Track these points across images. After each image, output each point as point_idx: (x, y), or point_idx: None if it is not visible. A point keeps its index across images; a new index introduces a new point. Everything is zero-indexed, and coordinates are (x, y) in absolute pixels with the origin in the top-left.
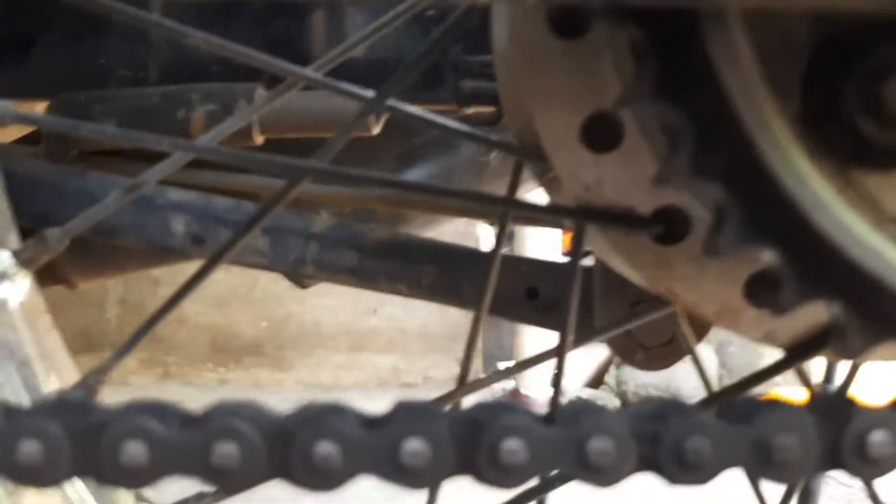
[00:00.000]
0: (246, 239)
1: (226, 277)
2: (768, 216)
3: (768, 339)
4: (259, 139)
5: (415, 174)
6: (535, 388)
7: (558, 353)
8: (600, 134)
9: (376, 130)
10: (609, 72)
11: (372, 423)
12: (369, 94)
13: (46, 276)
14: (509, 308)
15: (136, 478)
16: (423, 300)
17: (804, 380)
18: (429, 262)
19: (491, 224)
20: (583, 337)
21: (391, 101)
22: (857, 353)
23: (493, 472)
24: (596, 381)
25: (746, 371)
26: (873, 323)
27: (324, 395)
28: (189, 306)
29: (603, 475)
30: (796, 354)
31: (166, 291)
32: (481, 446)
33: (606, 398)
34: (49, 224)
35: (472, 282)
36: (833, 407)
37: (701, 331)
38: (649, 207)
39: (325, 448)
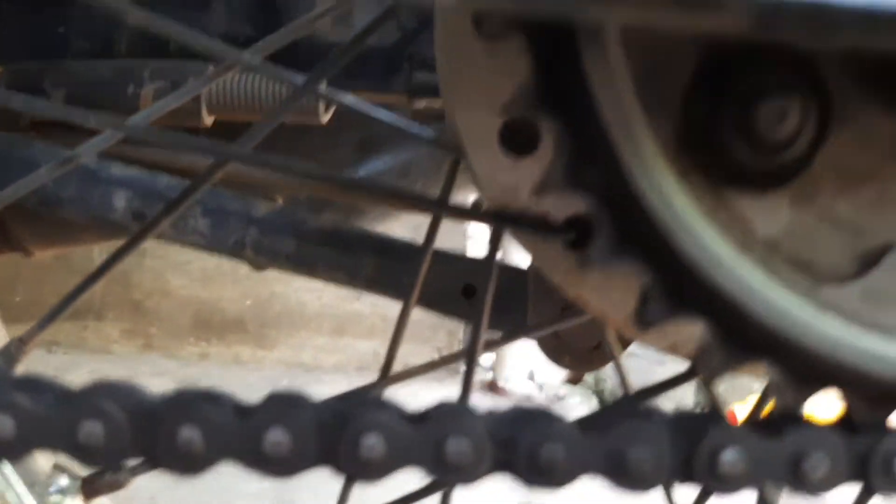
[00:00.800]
0: (186, 219)
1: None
2: (637, 233)
3: (672, 350)
4: (208, 120)
5: (374, 164)
6: (513, 380)
7: (469, 351)
8: (518, 138)
9: (324, 119)
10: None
11: (242, 412)
12: (300, 79)
13: (3, 243)
14: (445, 304)
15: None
16: (360, 291)
17: (709, 393)
18: (369, 253)
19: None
20: (511, 335)
21: (324, 89)
22: (718, 373)
23: (353, 466)
24: (575, 379)
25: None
26: (735, 345)
27: (304, 375)
28: (174, 279)
29: (460, 474)
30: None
31: (151, 263)
32: (343, 441)
33: (584, 395)
34: None
35: (411, 276)
36: (694, 422)
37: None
38: (562, 214)
39: (189, 433)
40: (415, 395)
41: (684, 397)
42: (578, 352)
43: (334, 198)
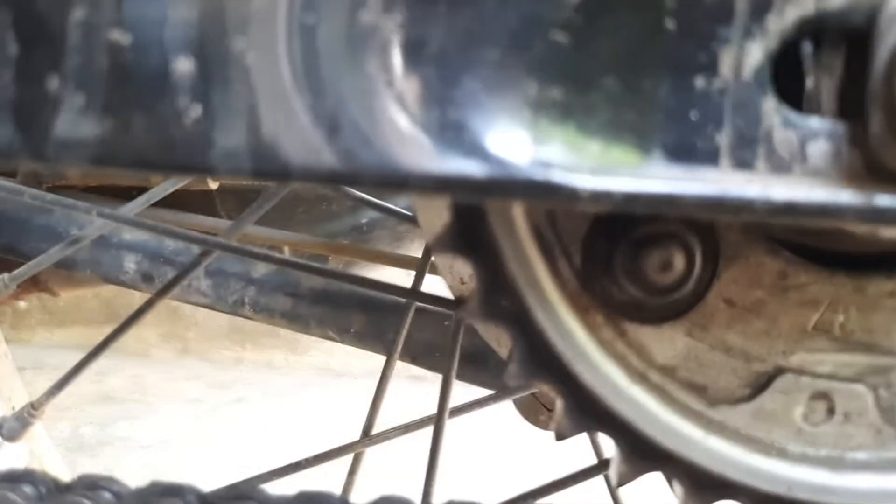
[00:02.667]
0: (190, 280)
1: None
2: (544, 359)
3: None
4: (213, 184)
5: (373, 213)
6: None
7: (438, 414)
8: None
9: None
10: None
11: None
12: None
13: (33, 286)
14: (432, 359)
15: None
16: (349, 346)
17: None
18: (357, 310)
19: None
20: (494, 397)
21: None
22: (623, 482)
23: None
24: None
25: None
26: (638, 457)
27: (335, 380)
28: None
29: None
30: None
31: None
32: None
33: None
34: (16, 254)
35: (397, 331)
36: None
37: None
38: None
39: None
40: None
41: None
42: (553, 411)
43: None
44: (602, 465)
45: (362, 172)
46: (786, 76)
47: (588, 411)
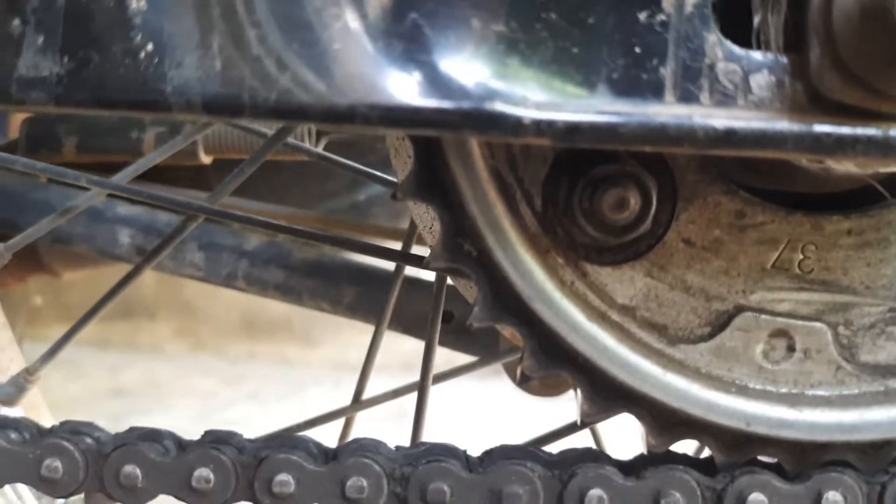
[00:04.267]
0: (183, 253)
1: None
2: (506, 299)
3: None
4: (206, 159)
5: (370, 190)
6: None
7: (421, 382)
8: None
9: (205, 160)
10: None
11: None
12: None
13: (36, 267)
14: (423, 328)
15: None
16: (343, 318)
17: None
18: (349, 282)
19: None
20: (485, 360)
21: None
22: (589, 420)
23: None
24: None
25: None
26: (600, 396)
27: (350, 374)
28: None
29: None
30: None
31: None
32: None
33: None
34: (15, 228)
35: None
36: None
37: None
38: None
39: None
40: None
41: None
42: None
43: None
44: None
45: (309, 107)
46: (736, 13)
47: (550, 351)
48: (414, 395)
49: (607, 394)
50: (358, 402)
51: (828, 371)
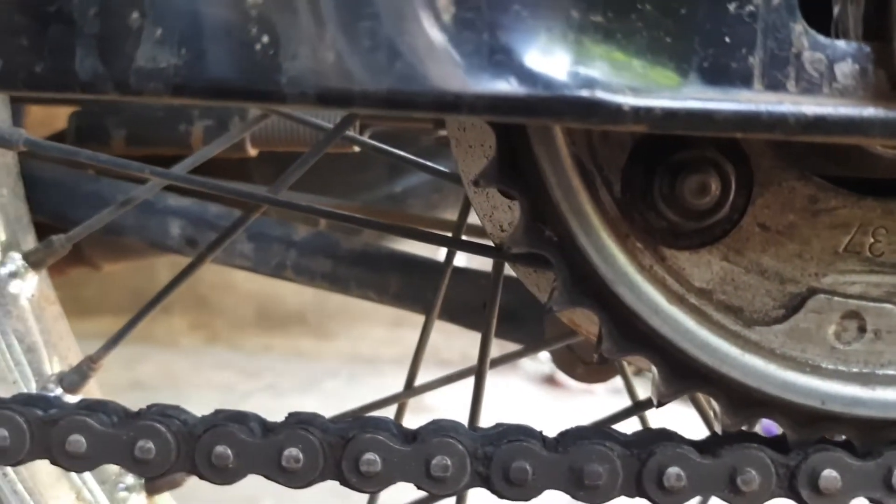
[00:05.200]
0: (233, 244)
1: None
2: (587, 283)
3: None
4: (252, 152)
5: (407, 182)
6: None
7: (478, 370)
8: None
9: (252, 152)
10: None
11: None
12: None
13: (77, 260)
14: (466, 317)
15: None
16: (389, 306)
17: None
18: (396, 271)
19: None
20: (530, 348)
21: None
22: (665, 400)
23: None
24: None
25: None
26: (677, 376)
27: (364, 366)
28: (238, 273)
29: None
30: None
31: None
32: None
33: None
34: (66, 221)
35: (434, 292)
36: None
37: None
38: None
39: None
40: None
41: None
42: (590, 363)
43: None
44: (639, 406)
45: (418, 97)
46: (819, 3)
47: (629, 333)
48: (441, 388)
49: (685, 374)
50: (410, 389)
51: None
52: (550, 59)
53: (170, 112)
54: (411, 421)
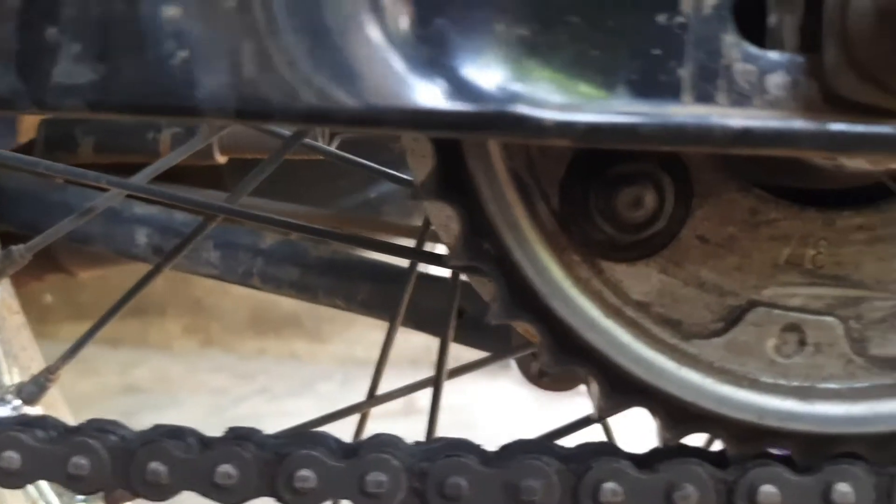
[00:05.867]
0: (199, 252)
1: None
2: (524, 296)
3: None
4: (221, 159)
5: (381, 189)
6: None
7: (436, 380)
8: None
9: (220, 159)
10: None
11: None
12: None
13: (52, 266)
14: (436, 325)
15: None
16: (358, 314)
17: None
18: (364, 279)
19: None
20: (497, 356)
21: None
22: (606, 414)
23: None
24: None
25: None
26: (616, 390)
27: (358, 369)
28: None
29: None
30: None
31: None
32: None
33: None
34: (35, 230)
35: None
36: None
37: None
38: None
39: None
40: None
41: None
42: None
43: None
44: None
45: (339, 112)
46: (753, 14)
47: (566, 347)
48: (426, 391)
49: (623, 389)
50: (373, 398)
51: (839, 364)
52: (474, 73)
53: (138, 120)
54: (403, 424)
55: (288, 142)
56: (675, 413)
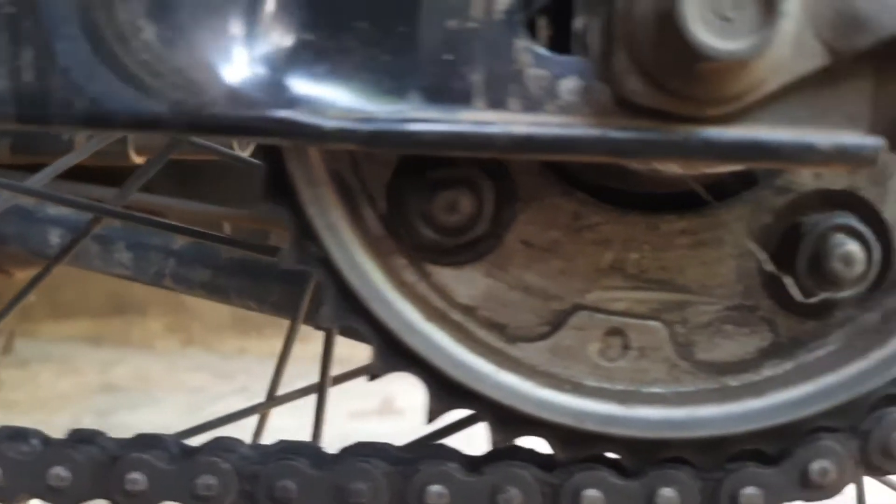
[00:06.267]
0: (112, 252)
1: None
2: (349, 300)
3: None
4: (138, 159)
5: None
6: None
7: (320, 387)
8: None
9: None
10: None
11: None
12: None
13: None
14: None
15: None
16: (268, 315)
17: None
18: (276, 280)
19: None
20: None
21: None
22: (432, 418)
23: None
24: None
25: None
26: (444, 393)
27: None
28: None
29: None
30: None
31: None
32: None
33: None
34: None
35: (314, 301)
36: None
37: None
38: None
39: None
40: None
41: None
42: None
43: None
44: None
45: (116, 115)
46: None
47: (394, 350)
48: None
49: (448, 392)
50: (272, 399)
51: (663, 368)
52: (256, 77)
53: None
54: (380, 425)
55: (172, 142)
56: (500, 416)
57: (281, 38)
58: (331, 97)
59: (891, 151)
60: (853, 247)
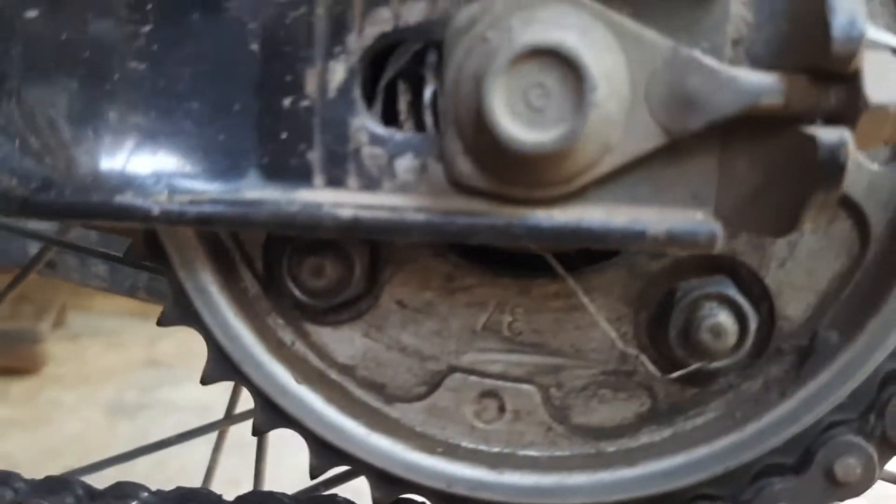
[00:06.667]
0: (89, 266)
1: None
2: (221, 361)
3: None
4: None
5: None
6: None
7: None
8: None
9: None
10: None
11: None
12: None
13: None
14: None
15: None
16: None
17: None
18: None
19: None
20: None
21: None
22: (315, 475)
23: None
24: None
25: None
26: (324, 452)
27: None
28: None
29: None
30: None
31: None
32: None
33: None
34: None
35: None
36: None
37: None
38: None
39: None
40: None
41: None
42: None
43: None
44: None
45: None
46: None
47: (269, 410)
48: None
49: (326, 451)
50: (230, 417)
51: (539, 432)
52: (88, 162)
53: None
54: None
55: None
56: (377, 476)
57: (111, 123)
58: (166, 179)
59: (729, 237)
60: (724, 317)
